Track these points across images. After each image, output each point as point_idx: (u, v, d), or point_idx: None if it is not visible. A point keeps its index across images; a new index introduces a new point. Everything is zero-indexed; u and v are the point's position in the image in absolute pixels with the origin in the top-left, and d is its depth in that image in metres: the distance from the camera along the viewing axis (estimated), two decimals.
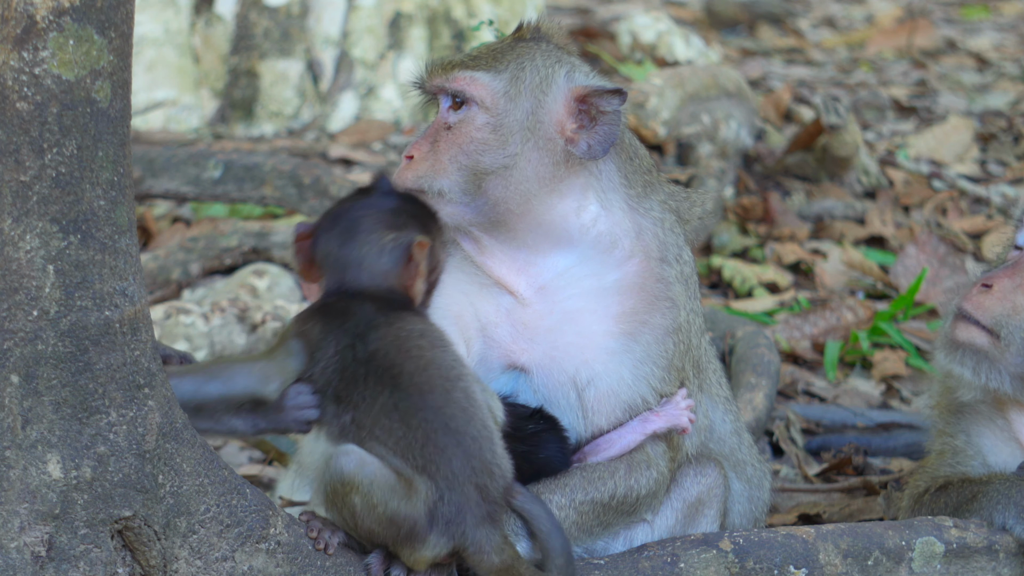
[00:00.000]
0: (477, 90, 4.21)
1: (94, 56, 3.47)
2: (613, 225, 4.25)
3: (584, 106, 4.22)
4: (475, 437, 3.73)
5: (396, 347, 3.79)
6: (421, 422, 3.71)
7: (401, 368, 3.77)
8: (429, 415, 3.72)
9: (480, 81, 4.22)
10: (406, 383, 3.75)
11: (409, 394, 3.73)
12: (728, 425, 4.57)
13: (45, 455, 3.54)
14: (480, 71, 4.23)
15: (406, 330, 3.83)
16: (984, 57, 11.96)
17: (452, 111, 4.25)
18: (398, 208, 3.98)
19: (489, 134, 4.20)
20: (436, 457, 3.69)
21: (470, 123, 4.21)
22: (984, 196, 8.36)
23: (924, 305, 7.18)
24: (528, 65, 4.26)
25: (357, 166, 8.11)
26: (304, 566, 3.79)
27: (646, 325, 4.22)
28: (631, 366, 4.19)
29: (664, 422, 4.22)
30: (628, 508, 4.20)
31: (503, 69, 4.24)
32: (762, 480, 4.64)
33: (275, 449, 5.69)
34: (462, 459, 3.70)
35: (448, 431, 3.72)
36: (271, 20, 8.63)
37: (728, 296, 7.35)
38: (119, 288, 3.57)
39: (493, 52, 4.28)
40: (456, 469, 3.70)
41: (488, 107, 4.21)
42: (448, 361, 3.81)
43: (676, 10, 12.55)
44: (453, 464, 3.70)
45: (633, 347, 4.20)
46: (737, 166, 8.34)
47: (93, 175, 3.51)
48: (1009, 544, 4.34)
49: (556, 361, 4.19)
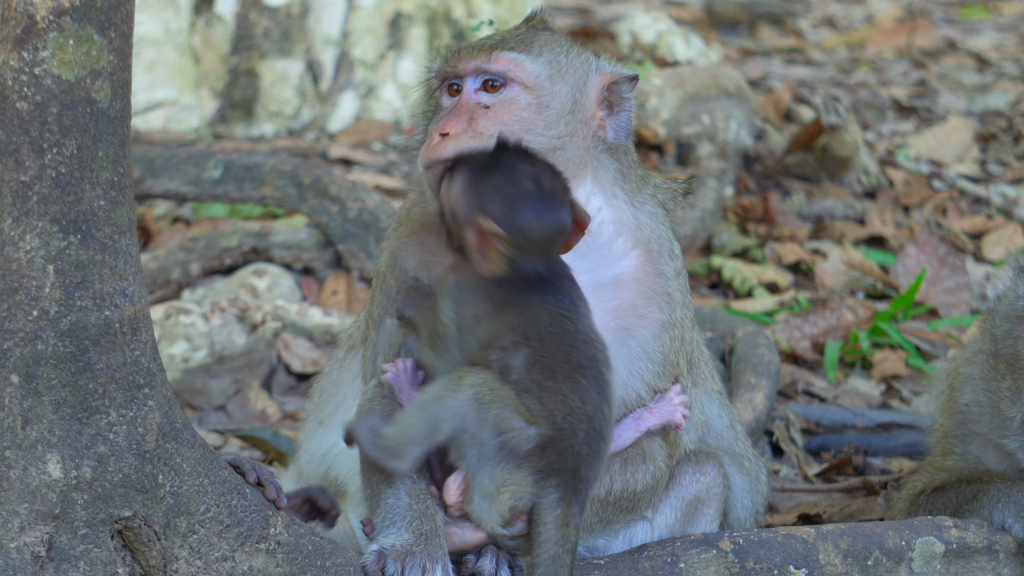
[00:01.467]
0: (520, 72, 4.22)
1: (94, 56, 3.47)
2: (615, 216, 4.26)
3: (607, 93, 4.25)
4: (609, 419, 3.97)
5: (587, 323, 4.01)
6: (572, 382, 3.91)
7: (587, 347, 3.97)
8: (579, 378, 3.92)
9: (523, 63, 4.23)
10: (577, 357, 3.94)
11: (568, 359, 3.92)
12: (724, 419, 4.58)
13: (45, 455, 3.54)
14: (521, 53, 4.24)
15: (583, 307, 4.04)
16: (984, 57, 11.97)
17: (486, 92, 4.23)
18: (553, 181, 4.05)
19: (535, 114, 4.21)
20: (569, 418, 3.89)
21: (514, 103, 4.21)
22: (984, 196, 8.36)
23: (924, 305, 7.18)
24: (563, 51, 4.29)
25: (357, 166, 8.11)
26: (304, 566, 3.79)
27: (643, 319, 4.22)
28: (625, 361, 4.19)
29: (658, 419, 4.22)
30: (627, 504, 4.20)
31: (540, 53, 4.26)
32: (759, 473, 4.64)
33: (275, 449, 5.69)
34: (583, 435, 3.89)
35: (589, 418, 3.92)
36: (271, 20, 8.63)
37: (728, 296, 7.35)
38: (119, 288, 3.57)
39: (519, 37, 4.30)
40: (579, 440, 3.88)
41: (532, 88, 4.22)
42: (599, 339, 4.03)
43: (676, 10, 12.55)
44: (578, 434, 3.88)
45: (629, 342, 4.20)
46: (737, 166, 8.34)
47: (93, 175, 3.51)
48: (1009, 544, 4.34)
49: None
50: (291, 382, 6.33)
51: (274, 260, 6.94)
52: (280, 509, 3.80)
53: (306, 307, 6.50)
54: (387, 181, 7.81)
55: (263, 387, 6.30)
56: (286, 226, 7.03)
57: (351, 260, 6.86)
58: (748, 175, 8.33)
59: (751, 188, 8.23)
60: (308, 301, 6.79)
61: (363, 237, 6.84)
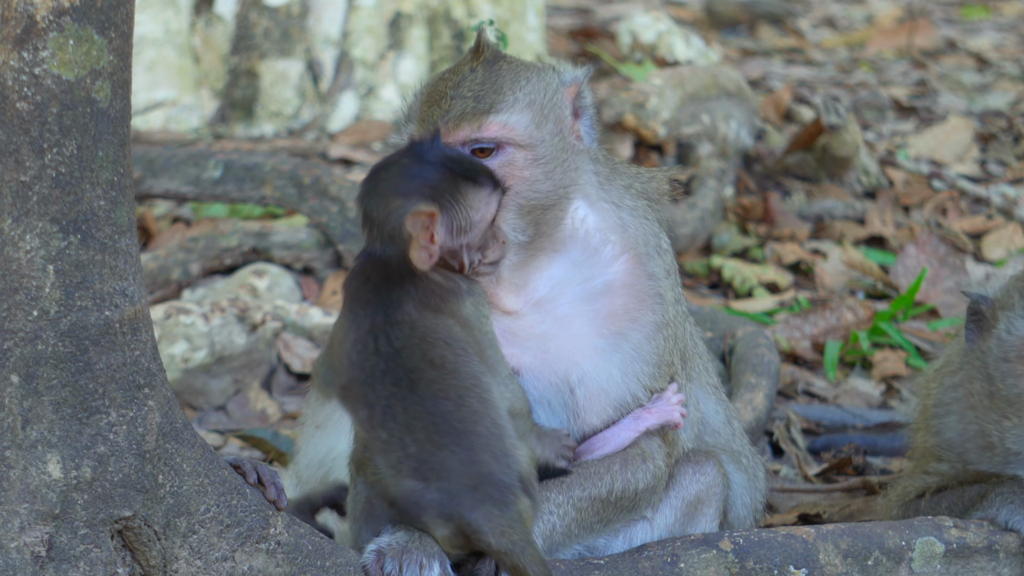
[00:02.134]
0: (511, 133, 4.14)
1: (94, 56, 3.47)
2: (600, 222, 4.26)
3: (574, 102, 4.24)
4: (481, 433, 3.78)
5: (421, 351, 3.84)
6: (427, 425, 3.80)
7: (421, 374, 3.83)
8: (437, 419, 3.80)
9: (512, 123, 4.15)
10: (423, 389, 3.82)
11: (423, 399, 3.81)
12: (721, 415, 4.58)
13: (45, 455, 3.54)
14: (505, 112, 4.15)
15: (433, 334, 3.86)
16: (984, 57, 11.96)
17: (483, 158, 4.14)
18: (421, 174, 3.93)
19: (535, 170, 4.17)
20: (429, 456, 3.78)
21: (513, 166, 4.15)
22: (984, 196, 8.36)
23: (924, 305, 7.18)
24: (533, 85, 4.21)
25: (357, 166, 8.11)
26: (304, 566, 3.79)
27: (636, 322, 4.23)
28: (620, 364, 4.20)
29: (656, 419, 4.22)
30: (628, 504, 4.20)
31: (517, 100, 4.17)
32: (757, 470, 4.64)
33: (275, 449, 5.69)
34: (461, 452, 3.77)
35: (452, 431, 3.78)
36: (271, 20, 8.63)
37: (728, 296, 7.35)
38: (119, 288, 3.57)
39: (487, 87, 4.18)
40: (450, 462, 3.77)
41: (526, 145, 4.16)
42: (467, 369, 3.84)
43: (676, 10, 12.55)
44: (448, 459, 3.77)
45: (623, 345, 4.20)
46: (737, 166, 8.34)
47: (93, 175, 3.51)
48: (1009, 544, 4.34)
49: (547, 363, 4.19)
50: (291, 382, 6.33)
51: (274, 260, 6.94)
52: (280, 510, 3.80)
53: (306, 307, 6.50)
54: None
55: (263, 387, 6.30)
56: (286, 226, 7.03)
57: (351, 260, 6.86)
58: (748, 175, 8.33)
59: (751, 188, 8.23)
60: (308, 301, 6.79)
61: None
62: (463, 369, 3.85)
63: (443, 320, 3.89)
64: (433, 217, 3.88)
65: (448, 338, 3.87)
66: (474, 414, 3.80)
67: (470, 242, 3.96)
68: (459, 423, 3.79)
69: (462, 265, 3.96)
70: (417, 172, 3.93)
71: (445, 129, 4.12)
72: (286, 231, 6.98)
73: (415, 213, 3.86)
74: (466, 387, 3.83)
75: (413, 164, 3.95)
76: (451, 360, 3.85)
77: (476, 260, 3.97)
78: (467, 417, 3.80)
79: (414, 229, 3.87)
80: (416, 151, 3.97)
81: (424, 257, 3.89)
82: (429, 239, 3.89)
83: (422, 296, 3.90)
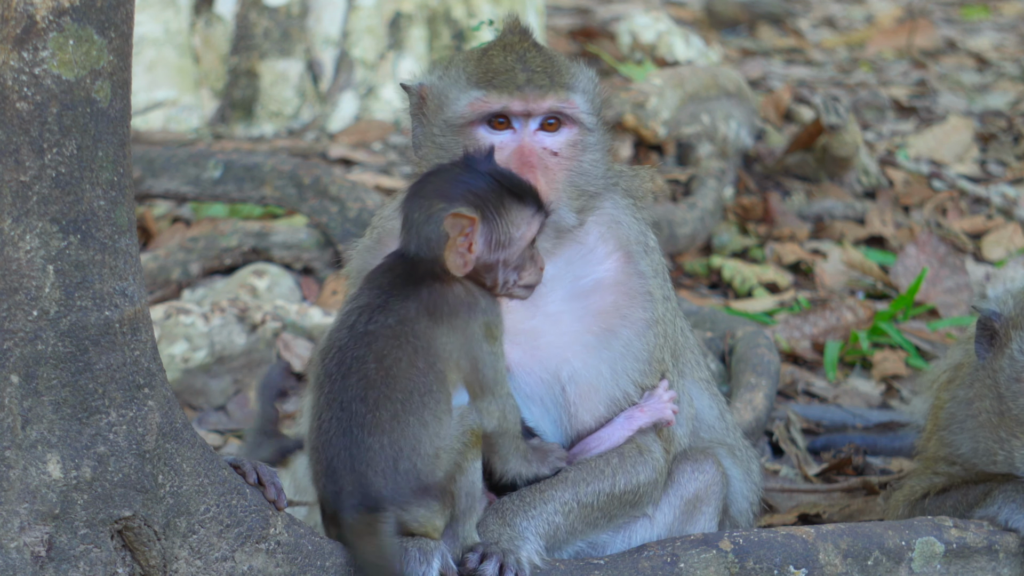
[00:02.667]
0: (580, 112, 4.15)
1: (94, 56, 3.47)
2: (597, 219, 4.26)
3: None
4: (372, 447, 3.80)
5: (382, 344, 3.85)
6: (335, 415, 3.84)
7: (362, 365, 3.85)
8: (343, 415, 3.83)
9: (580, 103, 4.16)
10: (352, 381, 3.84)
11: (345, 389, 3.84)
12: (714, 410, 4.59)
13: (45, 455, 3.54)
14: (577, 92, 4.15)
15: (410, 336, 3.86)
16: (984, 57, 11.96)
17: (546, 134, 4.14)
18: (468, 182, 3.92)
19: (593, 154, 4.19)
20: (322, 446, 3.85)
21: (577, 145, 4.15)
22: (984, 196, 8.36)
23: (924, 305, 7.18)
24: (584, 75, 4.23)
25: (357, 166, 8.11)
26: (304, 566, 3.79)
27: (626, 319, 4.23)
28: (611, 361, 4.20)
29: (649, 417, 4.23)
30: (632, 499, 4.20)
31: (580, 83, 4.18)
32: (751, 461, 4.65)
33: None
34: (347, 456, 3.82)
35: (348, 432, 3.82)
36: (271, 20, 8.63)
37: (728, 296, 7.35)
38: (119, 288, 3.57)
39: (553, 66, 4.15)
40: (336, 463, 3.82)
41: (589, 128, 4.17)
42: (407, 383, 3.83)
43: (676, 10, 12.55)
44: (334, 459, 3.82)
45: (613, 342, 4.21)
46: (737, 166, 8.34)
47: (93, 175, 3.51)
48: (1009, 544, 4.34)
49: (537, 360, 4.19)
50: (291, 382, 6.33)
51: (274, 260, 6.94)
52: (280, 510, 3.80)
53: (306, 307, 6.50)
54: (387, 181, 7.81)
55: None
56: (286, 226, 7.03)
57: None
58: (748, 175, 8.33)
59: (751, 188, 8.23)
60: (308, 301, 6.79)
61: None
62: (402, 381, 3.83)
63: (436, 329, 3.87)
64: (474, 223, 3.87)
65: (423, 348, 3.85)
66: (377, 425, 3.81)
67: (507, 259, 3.94)
68: (358, 428, 3.81)
69: (495, 283, 3.95)
70: (465, 180, 3.92)
71: (532, 96, 4.08)
72: (286, 231, 6.98)
73: (455, 214, 3.85)
74: (388, 398, 3.81)
75: (463, 172, 3.94)
76: (398, 367, 3.83)
77: (511, 280, 3.95)
78: (369, 424, 3.81)
79: (452, 230, 3.86)
80: (467, 162, 3.96)
81: (459, 263, 3.88)
82: (467, 246, 3.88)
83: (432, 300, 3.89)
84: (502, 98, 4.10)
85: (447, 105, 4.16)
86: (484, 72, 4.13)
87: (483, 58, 4.18)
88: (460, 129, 4.14)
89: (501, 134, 4.13)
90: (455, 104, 4.15)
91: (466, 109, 4.13)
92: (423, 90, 4.24)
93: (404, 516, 3.83)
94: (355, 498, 3.81)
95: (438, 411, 3.84)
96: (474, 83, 4.13)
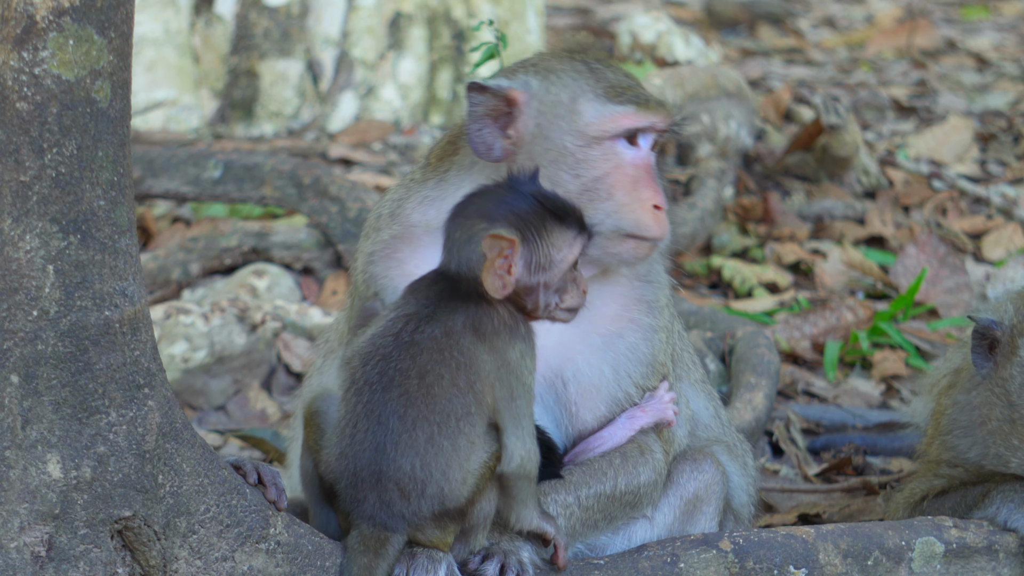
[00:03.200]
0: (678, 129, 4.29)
1: (94, 56, 3.47)
2: None
3: None
4: (403, 467, 3.77)
5: (427, 359, 3.81)
6: (370, 427, 3.80)
7: (404, 379, 3.80)
8: (378, 430, 3.79)
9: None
10: (392, 395, 3.80)
11: (384, 403, 3.80)
12: (709, 409, 4.60)
13: (45, 455, 3.54)
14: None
15: (455, 352, 3.81)
16: (984, 57, 11.96)
17: (653, 152, 4.21)
18: (511, 203, 3.88)
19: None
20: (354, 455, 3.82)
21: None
22: (984, 196, 8.36)
23: (924, 305, 7.18)
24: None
25: (357, 166, 8.11)
26: (304, 566, 3.79)
27: (632, 323, 4.24)
28: (614, 362, 4.21)
29: (651, 417, 4.24)
30: (632, 499, 4.20)
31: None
32: (746, 456, 4.66)
33: (275, 449, 5.69)
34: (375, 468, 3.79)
35: (381, 448, 3.78)
36: (271, 20, 8.63)
37: (728, 296, 7.35)
38: (119, 288, 3.57)
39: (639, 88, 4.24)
40: (365, 475, 3.79)
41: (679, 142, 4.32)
42: (446, 403, 3.79)
43: (676, 10, 12.55)
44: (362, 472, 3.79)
45: (618, 344, 4.22)
46: (737, 166, 8.34)
47: (93, 175, 3.51)
48: (1009, 544, 4.34)
49: (542, 359, 4.18)
50: (291, 382, 6.33)
51: (274, 260, 6.94)
52: (280, 511, 3.80)
53: (306, 307, 6.50)
54: (387, 181, 7.81)
55: (263, 387, 6.30)
56: (286, 226, 7.03)
57: (351, 260, 6.85)
58: (748, 175, 8.33)
59: (751, 188, 8.23)
60: (308, 301, 6.79)
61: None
62: (441, 401, 3.78)
63: (479, 347, 3.82)
64: (514, 245, 3.81)
65: (465, 365, 3.80)
66: (412, 446, 3.77)
67: (548, 282, 3.87)
68: (392, 446, 3.77)
69: (536, 305, 3.89)
70: (508, 200, 3.87)
71: (665, 115, 4.15)
72: (286, 231, 6.98)
73: (494, 235, 3.79)
74: (426, 419, 3.77)
75: (505, 193, 3.89)
76: (440, 384, 3.79)
77: (553, 303, 3.89)
78: (403, 444, 3.77)
79: (490, 251, 3.80)
80: (511, 182, 3.92)
81: (498, 285, 3.81)
82: (506, 268, 3.82)
83: (478, 317, 3.84)
84: (648, 115, 4.14)
85: (578, 116, 4.15)
86: (611, 87, 4.16)
87: (596, 71, 4.20)
88: (595, 143, 4.14)
89: (634, 150, 4.16)
90: (590, 117, 4.15)
91: (608, 122, 4.13)
92: (518, 95, 4.20)
93: (417, 535, 3.81)
94: (370, 509, 3.79)
95: (472, 436, 3.79)
96: (606, 98, 4.15)
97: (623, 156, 4.14)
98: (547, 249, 3.86)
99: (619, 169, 4.13)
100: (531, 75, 4.19)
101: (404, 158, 8.29)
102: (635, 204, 4.11)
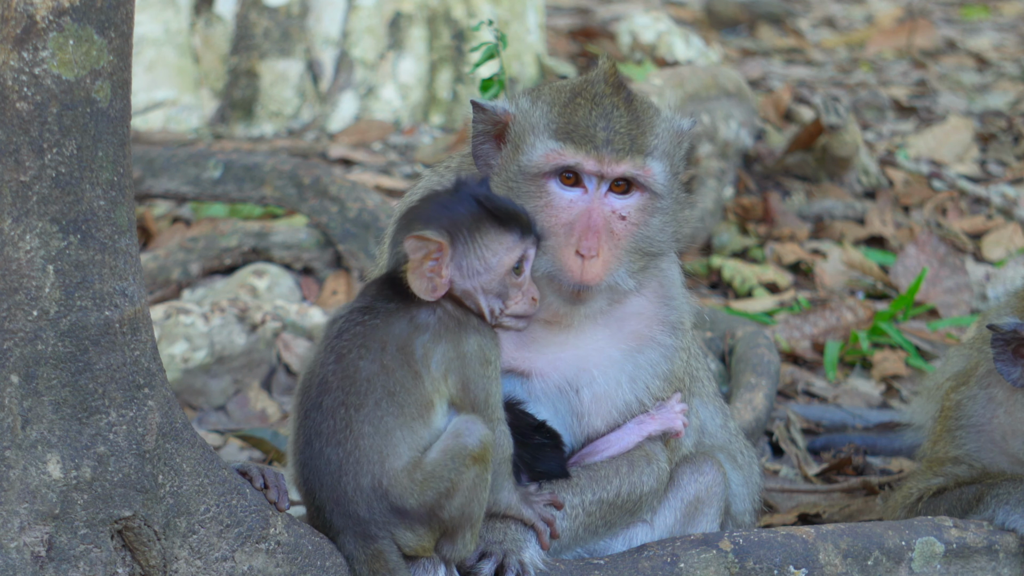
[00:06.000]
0: (654, 179, 4.09)
1: (94, 56, 3.47)
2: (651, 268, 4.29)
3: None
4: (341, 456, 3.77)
5: (352, 336, 3.81)
6: (301, 427, 3.82)
7: (325, 367, 3.82)
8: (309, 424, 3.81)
9: (655, 169, 4.10)
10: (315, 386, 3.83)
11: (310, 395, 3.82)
12: (718, 419, 4.61)
13: (45, 455, 3.54)
14: (654, 158, 4.08)
15: (378, 321, 3.81)
16: (984, 57, 11.96)
17: (616, 197, 4.07)
18: (449, 206, 3.85)
19: (664, 216, 4.13)
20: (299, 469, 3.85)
21: (646, 210, 4.09)
22: (984, 196, 8.36)
23: (924, 305, 7.18)
24: (665, 134, 4.14)
25: (357, 166, 8.11)
26: (304, 566, 3.79)
27: (654, 341, 4.26)
28: (631, 373, 4.22)
29: (660, 425, 4.24)
30: (631, 506, 4.21)
31: (658, 146, 4.10)
32: (752, 464, 4.66)
33: (275, 449, 5.69)
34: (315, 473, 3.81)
35: (310, 447, 3.81)
36: (271, 20, 8.63)
37: (728, 296, 7.35)
38: (119, 288, 3.57)
39: (636, 127, 4.07)
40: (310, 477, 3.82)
41: (661, 194, 4.11)
42: (381, 380, 3.77)
43: (676, 10, 12.55)
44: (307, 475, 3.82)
45: (637, 358, 4.24)
46: (737, 166, 8.34)
47: (93, 175, 3.51)
48: (1009, 544, 4.34)
49: (558, 369, 4.20)
50: (291, 382, 6.33)
51: (274, 260, 6.94)
52: (281, 511, 3.80)
53: (306, 307, 6.50)
54: (387, 181, 7.81)
55: (263, 387, 6.30)
56: (286, 226, 7.03)
57: (351, 260, 6.86)
58: (748, 175, 8.33)
59: (751, 188, 8.23)
60: (308, 301, 6.79)
61: (363, 237, 6.84)
62: (360, 384, 3.77)
63: (417, 333, 3.80)
64: (443, 248, 3.79)
65: (392, 345, 3.78)
66: (332, 435, 3.77)
67: (485, 286, 3.84)
68: (316, 438, 3.78)
69: (480, 310, 3.86)
70: (447, 204, 3.85)
71: (607, 159, 4.02)
72: (286, 231, 6.98)
73: (417, 236, 3.77)
74: (343, 403, 3.76)
75: (447, 197, 3.87)
76: (356, 366, 3.78)
77: (496, 308, 3.86)
78: (325, 434, 3.78)
79: (414, 253, 3.78)
80: (457, 186, 3.89)
81: (426, 287, 3.79)
82: (436, 271, 3.80)
83: (416, 313, 3.83)
84: (577, 155, 4.04)
85: (524, 150, 4.11)
86: (565, 123, 4.07)
87: (569, 105, 4.10)
88: (533, 178, 4.09)
89: (572, 191, 4.07)
90: (532, 151, 4.09)
91: (541, 159, 4.08)
92: (507, 117, 4.16)
93: (398, 541, 3.79)
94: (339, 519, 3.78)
95: (403, 417, 3.75)
96: (552, 133, 4.07)
97: (558, 196, 4.07)
98: (481, 252, 3.82)
99: (550, 208, 4.06)
100: (526, 99, 4.18)
101: (404, 158, 8.28)
102: (559, 248, 4.03)
